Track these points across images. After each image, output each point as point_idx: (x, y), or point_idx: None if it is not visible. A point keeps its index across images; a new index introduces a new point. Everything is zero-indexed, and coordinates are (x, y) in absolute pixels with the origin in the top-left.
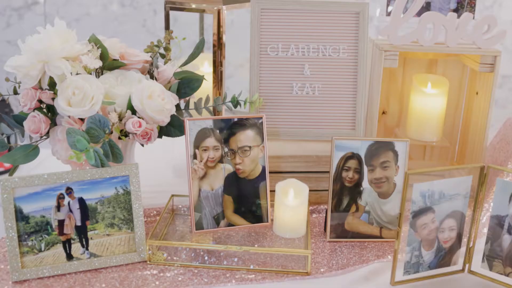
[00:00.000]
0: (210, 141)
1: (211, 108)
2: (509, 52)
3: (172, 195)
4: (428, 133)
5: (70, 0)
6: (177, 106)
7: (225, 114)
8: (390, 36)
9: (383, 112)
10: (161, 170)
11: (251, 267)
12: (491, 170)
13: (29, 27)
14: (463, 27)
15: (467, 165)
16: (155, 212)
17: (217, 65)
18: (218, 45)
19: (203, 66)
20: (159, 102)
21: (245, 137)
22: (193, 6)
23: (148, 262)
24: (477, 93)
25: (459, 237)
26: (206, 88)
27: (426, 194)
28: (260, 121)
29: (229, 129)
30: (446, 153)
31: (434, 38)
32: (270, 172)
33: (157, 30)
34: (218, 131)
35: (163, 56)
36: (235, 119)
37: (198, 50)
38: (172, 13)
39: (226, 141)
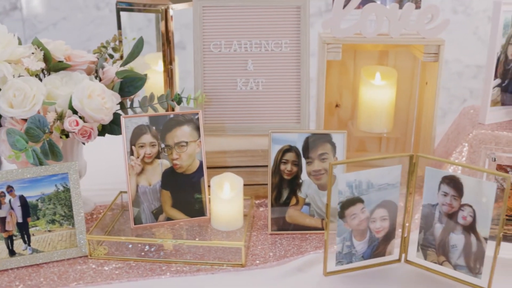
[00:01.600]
0: (147, 138)
1: (156, 106)
2: (483, 42)
3: (120, 192)
4: (378, 125)
5: (47, 5)
6: (123, 105)
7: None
8: (333, 29)
9: (336, 105)
10: (118, 168)
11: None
12: (421, 159)
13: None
14: (406, 17)
15: (395, 154)
16: (106, 208)
17: (167, 63)
18: (167, 44)
19: (157, 65)
20: (98, 101)
21: (182, 132)
22: (141, 6)
23: (89, 256)
24: (426, 83)
25: (393, 227)
26: (161, 86)
27: (353, 185)
28: (196, 116)
29: (166, 125)
30: (402, 144)
31: (377, 29)
32: (216, 167)
33: (132, 31)
34: (154, 127)
35: (111, 56)
36: (171, 116)
37: (137, 49)
38: (148, 14)
39: (162, 137)
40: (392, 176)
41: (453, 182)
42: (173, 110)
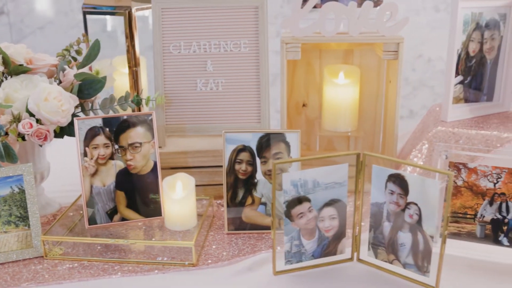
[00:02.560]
0: (100, 139)
1: (116, 107)
2: None
3: None
4: (342, 124)
5: (34, 10)
6: (84, 107)
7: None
8: (292, 28)
9: (304, 105)
10: None
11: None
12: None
13: None
14: (365, 16)
15: (341, 153)
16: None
17: (131, 66)
18: (132, 45)
19: (126, 67)
20: (55, 104)
21: (135, 134)
22: (107, 9)
23: (44, 257)
24: (390, 82)
25: (343, 225)
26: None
27: (298, 184)
28: (150, 117)
29: (119, 126)
30: (371, 143)
31: (336, 28)
32: (177, 168)
33: (118, 34)
34: (107, 129)
35: (75, 59)
36: (125, 117)
37: (93, 51)
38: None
39: (116, 138)
40: (339, 174)
41: (399, 180)
42: (140, 111)
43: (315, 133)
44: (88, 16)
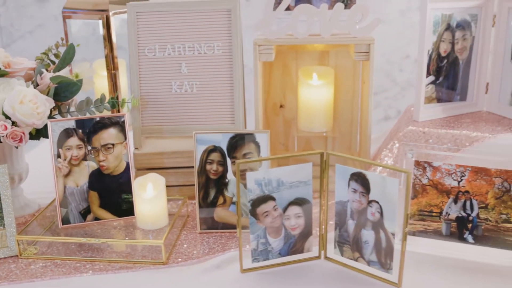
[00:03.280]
0: (73, 141)
1: (93, 110)
2: None
3: None
4: (317, 124)
5: (23, 13)
6: (60, 109)
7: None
8: (264, 30)
9: (281, 106)
10: None
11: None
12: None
13: None
14: (336, 17)
15: (304, 152)
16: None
17: (110, 69)
18: (110, 49)
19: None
20: (30, 107)
21: (108, 135)
22: (86, 12)
23: (19, 256)
24: (364, 83)
25: (309, 224)
26: (109, 91)
27: (263, 183)
28: (122, 119)
29: (92, 128)
30: (348, 143)
31: (308, 30)
32: (153, 168)
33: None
34: (80, 130)
35: (53, 62)
36: (97, 119)
37: (68, 55)
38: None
39: (89, 139)
40: (303, 173)
41: (360, 179)
42: (119, 113)
43: (292, 134)
44: (73, 20)
